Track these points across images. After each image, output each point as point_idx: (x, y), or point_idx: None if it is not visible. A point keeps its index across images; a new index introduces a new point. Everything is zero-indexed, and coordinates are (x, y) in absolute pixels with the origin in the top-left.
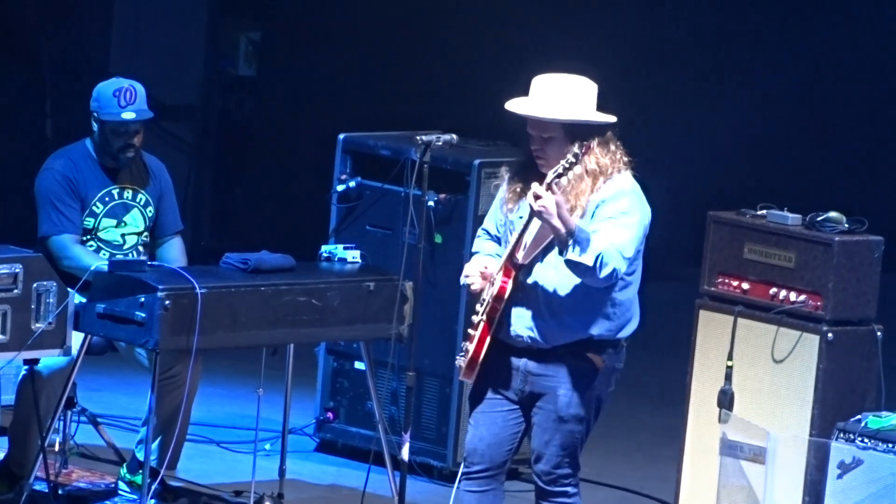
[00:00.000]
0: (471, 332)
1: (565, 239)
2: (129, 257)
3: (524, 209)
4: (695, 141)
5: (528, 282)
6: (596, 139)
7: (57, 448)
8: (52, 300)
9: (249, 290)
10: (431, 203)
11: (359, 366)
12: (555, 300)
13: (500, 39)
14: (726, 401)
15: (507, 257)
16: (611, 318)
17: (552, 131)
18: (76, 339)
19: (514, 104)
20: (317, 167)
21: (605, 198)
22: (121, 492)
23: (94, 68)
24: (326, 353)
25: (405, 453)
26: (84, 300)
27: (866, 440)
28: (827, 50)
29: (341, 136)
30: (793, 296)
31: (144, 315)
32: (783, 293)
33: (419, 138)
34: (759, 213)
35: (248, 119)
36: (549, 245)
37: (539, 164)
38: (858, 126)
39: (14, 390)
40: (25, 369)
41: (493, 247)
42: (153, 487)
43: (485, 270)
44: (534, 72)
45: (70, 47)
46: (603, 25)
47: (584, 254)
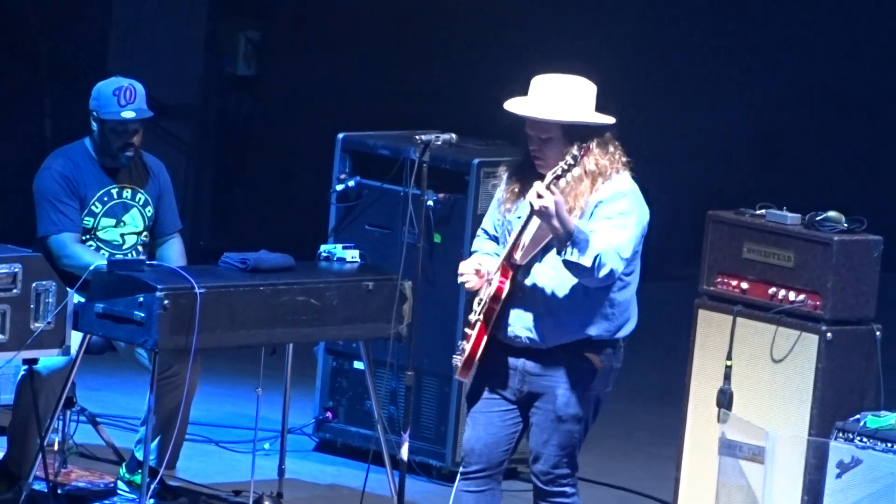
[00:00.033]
0: (468, 331)
1: (564, 239)
2: (129, 257)
3: (522, 209)
4: (694, 141)
5: (527, 282)
6: (595, 140)
7: (56, 448)
8: (51, 300)
9: (248, 290)
10: (430, 202)
11: (358, 365)
12: (553, 301)
13: (499, 39)
14: (725, 400)
15: (505, 257)
16: (609, 319)
17: (550, 132)
18: (75, 338)
19: (513, 104)
20: (316, 167)
21: (603, 198)
22: (120, 491)
23: (93, 68)
24: (325, 352)
25: (404, 453)
26: (83, 300)
27: (865, 440)
28: (827, 50)
29: (340, 136)
30: (792, 295)
31: (143, 315)
32: (782, 293)
33: (418, 138)
34: (759, 212)
35: (248, 119)
36: (548, 245)
37: (537, 164)
38: (857, 126)
39: (13, 390)
40: (24, 369)
41: (492, 246)
42: (152, 487)
43: (479, 267)
44: (533, 72)
45: (69, 47)
46: (603, 25)
47: (582, 255)
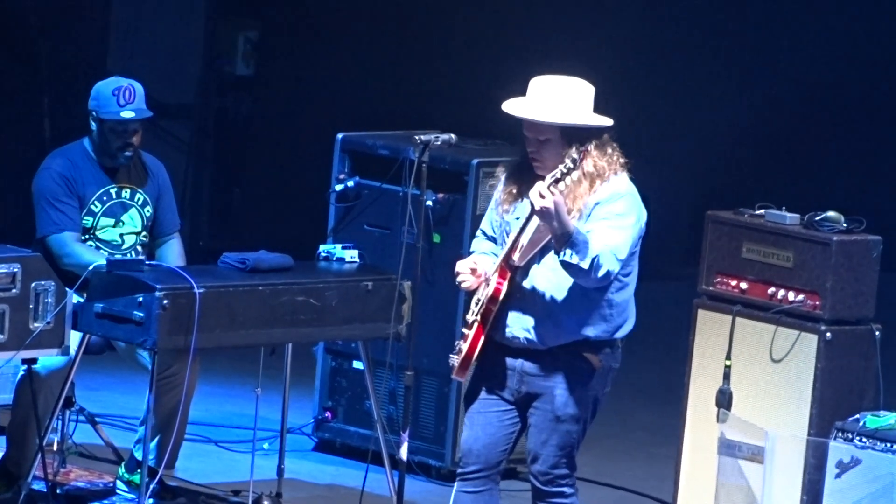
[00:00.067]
0: (465, 331)
1: (563, 241)
2: (128, 257)
3: (520, 210)
4: (694, 141)
5: (525, 283)
6: (593, 142)
7: (55, 447)
8: (50, 300)
9: (247, 290)
10: (430, 202)
11: (357, 365)
12: (551, 302)
13: (499, 39)
14: (725, 400)
15: (503, 259)
16: (608, 320)
17: (548, 134)
18: (74, 338)
19: (511, 106)
20: (315, 167)
21: (601, 199)
22: (119, 491)
23: (93, 68)
24: (325, 352)
25: (403, 453)
26: (82, 300)
27: (864, 439)
28: (827, 50)
29: (340, 136)
30: (791, 295)
31: (142, 314)
32: (781, 293)
33: (418, 138)
34: (758, 212)
35: (247, 119)
36: (546, 247)
37: (535, 166)
38: (857, 126)
39: (12, 390)
40: (24, 369)
41: (490, 246)
42: (151, 487)
43: (474, 266)
44: (533, 72)
45: (68, 47)
46: (603, 25)
47: (580, 256)
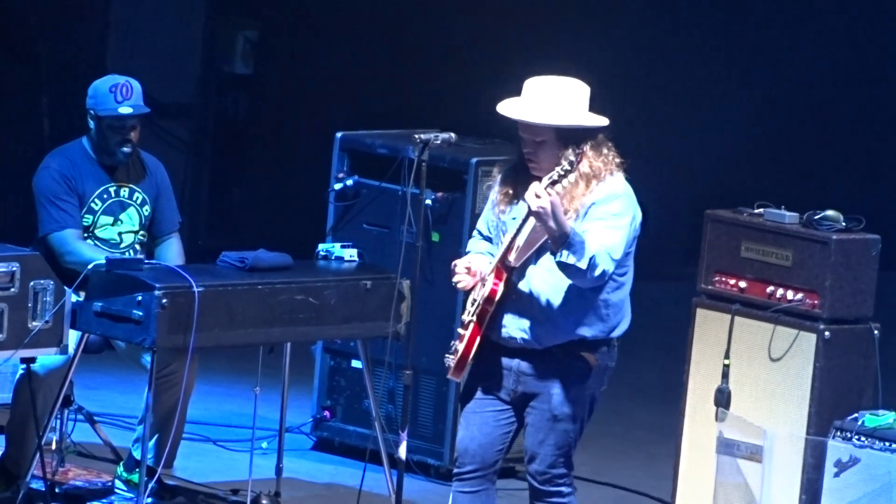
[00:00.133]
0: (461, 331)
1: (560, 241)
2: (127, 255)
3: (516, 211)
4: (694, 140)
5: (521, 284)
6: (589, 143)
7: (54, 447)
8: (48, 299)
9: (246, 289)
10: (429, 201)
11: (356, 364)
12: (548, 302)
13: (499, 39)
14: (723, 399)
15: (499, 260)
16: (604, 320)
17: (544, 135)
18: (73, 337)
19: (507, 107)
20: (314, 165)
21: (596, 200)
22: (117, 490)
23: (92, 67)
24: (323, 351)
25: (402, 452)
26: (81, 298)
27: (863, 438)
28: (827, 50)
29: (339, 135)
30: (790, 294)
31: (141, 313)
32: (780, 291)
33: (417, 137)
34: (757, 211)
35: (246, 118)
36: (542, 247)
37: (531, 167)
38: (856, 125)
39: (11, 389)
40: (22, 368)
41: (486, 245)
42: (150, 486)
43: (469, 265)
44: (533, 72)
45: (68, 46)
46: (603, 25)
47: (577, 257)
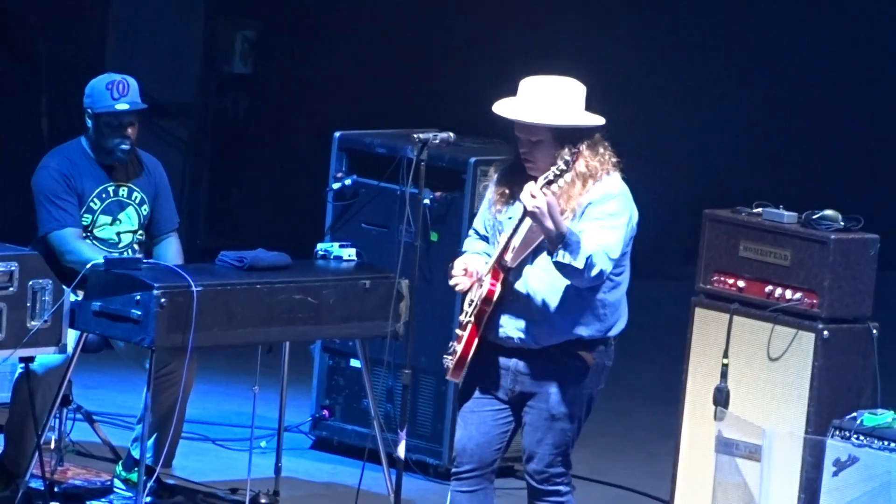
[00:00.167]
0: (458, 332)
1: (556, 241)
2: (125, 255)
3: (513, 211)
4: (693, 140)
5: (518, 284)
6: (585, 142)
7: (53, 446)
8: (47, 298)
9: (245, 288)
10: (427, 201)
11: (354, 363)
12: (545, 303)
13: (499, 39)
14: (722, 398)
15: (496, 260)
16: (601, 319)
17: (540, 135)
18: (72, 336)
19: (503, 107)
20: (313, 165)
21: (593, 199)
22: (116, 489)
23: (91, 66)
24: (322, 350)
25: (401, 451)
26: (79, 298)
27: (862, 438)
28: (827, 50)
29: (337, 134)
30: (788, 293)
31: (140, 313)
32: (779, 291)
33: (416, 136)
34: (755, 210)
35: (244, 117)
36: (539, 247)
37: (527, 167)
38: (855, 125)
39: (10, 388)
40: (21, 367)
41: (482, 245)
42: (149, 485)
43: (466, 266)
44: (533, 72)
45: (67, 45)
46: (603, 25)
47: (574, 256)
